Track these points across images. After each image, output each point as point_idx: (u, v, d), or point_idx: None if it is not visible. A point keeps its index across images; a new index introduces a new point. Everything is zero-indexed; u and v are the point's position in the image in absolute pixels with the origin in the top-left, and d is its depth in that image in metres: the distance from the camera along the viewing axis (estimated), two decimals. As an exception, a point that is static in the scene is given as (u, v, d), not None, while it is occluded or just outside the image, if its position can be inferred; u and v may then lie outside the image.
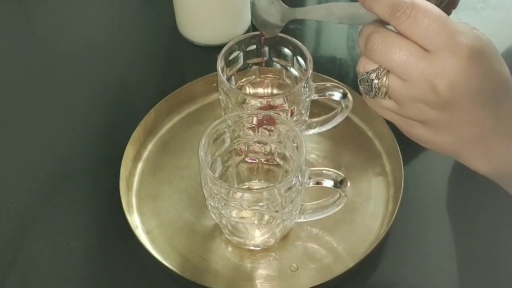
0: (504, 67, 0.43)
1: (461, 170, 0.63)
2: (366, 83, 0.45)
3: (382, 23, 0.44)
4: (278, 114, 0.56)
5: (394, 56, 0.42)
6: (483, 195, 0.61)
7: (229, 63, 0.60)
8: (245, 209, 0.51)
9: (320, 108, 0.64)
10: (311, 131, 0.62)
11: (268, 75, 0.63)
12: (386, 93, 0.45)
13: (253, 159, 0.59)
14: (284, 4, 0.52)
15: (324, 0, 0.85)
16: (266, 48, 0.60)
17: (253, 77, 0.62)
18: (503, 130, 0.44)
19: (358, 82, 0.46)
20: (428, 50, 0.42)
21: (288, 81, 0.62)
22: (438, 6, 0.62)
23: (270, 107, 0.57)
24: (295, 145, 0.54)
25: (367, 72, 0.45)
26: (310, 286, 0.53)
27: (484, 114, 0.43)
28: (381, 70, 0.44)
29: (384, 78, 0.44)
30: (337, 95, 0.58)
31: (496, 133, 0.43)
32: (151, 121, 0.65)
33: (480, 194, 0.61)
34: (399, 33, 0.42)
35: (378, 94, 0.45)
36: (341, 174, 0.52)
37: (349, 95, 0.58)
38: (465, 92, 0.41)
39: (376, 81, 0.44)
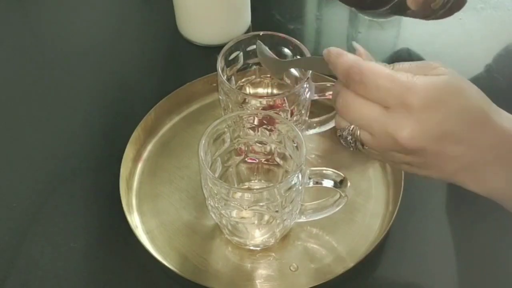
0: (474, 101, 0.44)
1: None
2: (343, 139, 0.48)
3: None
4: (278, 114, 0.56)
5: (358, 115, 0.45)
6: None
7: (229, 63, 0.60)
8: (245, 209, 0.51)
9: (320, 108, 0.64)
10: (311, 131, 0.62)
11: (268, 75, 0.63)
12: (362, 145, 0.47)
13: (253, 159, 0.59)
14: (276, 58, 0.57)
15: (314, 5, 0.85)
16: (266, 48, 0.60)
17: (253, 77, 0.62)
18: (489, 158, 0.45)
19: (338, 137, 0.50)
20: (387, 107, 0.44)
21: (288, 81, 0.62)
22: (443, 7, 0.62)
23: (270, 107, 0.57)
24: (295, 145, 0.54)
25: (342, 129, 0.48)
26: (310, 286, 0.53)
27: (460, 149, 0.44)
28: (353, 126, 0.47)
29: (357, 133, 0.47)
30: (337, 95, 0.58)
31: (481, 162, 0.45)
32: (151, 121, 0.65)
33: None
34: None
35: (355, 147, 0.48)
36: (341, 174, 0.52)
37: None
38: (428, 139, 0.43)
39: (349, 137, 0.48)
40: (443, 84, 0.43)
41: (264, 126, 0.56)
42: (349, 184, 0.52)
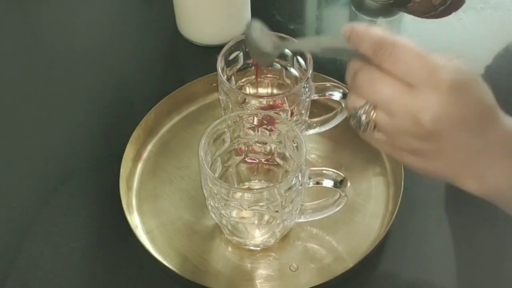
0: (487, 95, 0.45)
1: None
2: (355, 119, 0.47)
3: (367, 58, 0.46)
4: (278, 114, 0.56)
5: (379, 93, 0.44)
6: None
7: (229, 63, 0.60)
8: (245, 209, 0.51)
9: (320, 108, 0.64)
10: (311, 131, 0.62)
11: (268, 75, 0.63)
12: (374, 127, 0.46)
13: (253, 159, 0.59)
14: (275, 35, 0.54)
15: (314, 5, 0.85)
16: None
17: (253, 77, 0.62)
18: (493, 154, 0.45)
19: (348, 117, 0.48)
20: (411, 86, 0.43)
21: (288, 81, 0.62)
22: (443, 3, 0.62)
23: (270, 107, 0.57)
24: (295, 145, 0.54)
25: (356, 109, 0.46)
26: (310, 286, 0.53)
27: (470, 140, 0.44)
28: (368, 106, 0.46)
29: (372, 114, 0.46)
30: (337, 95, 0.58)
31: (485, 157, 0.45)
32: (151, 121, 0.65)
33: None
34: (383, 70, 0.44)
35: (367, 129, 0.47)
36: (341, 174, 0.52)
37: (349, 95, 0.58)
38: (449, 123, 0.43)
39: (364, 117, 0.46)
40: (468, 72, 0.44)
41: (264, 126, 0.56)
42: (349, 184, 0.52)
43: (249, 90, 0.63)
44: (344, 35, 0.46)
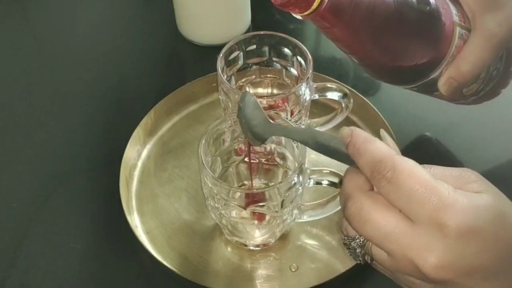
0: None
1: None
2: (350, 249, 0.42)
3: None
4: (278, 114, 0.56)
5: (371, 231, 0.38)
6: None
7: (229, 63, 0.60)
8: (245, 209, 0.51)
9: (320, 108, 0.64)
10: (311, 131, 0.62)
11: (268, 75, 0.63)
12: (372, 260, 0.41)
13: (253, 159, 0.59)
14: (268, 117, 0.49)
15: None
16: (266, 48, 0.60)
17: (253, 77, 0.62)
18: None
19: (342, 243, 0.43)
20: (411, 220, 0.37)
21: (288, 81, 0.62)
22: (475, 94, 0.56)
23: (270, 107, 0.57)
24: (295, 145, 0.53)
25: (349, 238, 0.42)
26: (310, 286, 0.53)
27: (492, 285, 0.38)
28: (363, 239, 0.40)
29: (368, 246, 0.40)
30: (337, 95, 0.58)
31: None
32: (151, 121, 0.65)
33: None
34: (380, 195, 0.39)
35: (363, 261, 0.42)
36: (341, 174, 0.52)
37: (349, 95, 0.58)
38: (458, 271, 0.37)
39: (358, 250, 0.41)
40: (486, 207, 0.37)
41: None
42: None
43: (249, 90, 0.63)
44: (342, 139, 0.41)
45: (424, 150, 0.65)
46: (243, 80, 0.62)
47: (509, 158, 0.64)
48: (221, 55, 0.58)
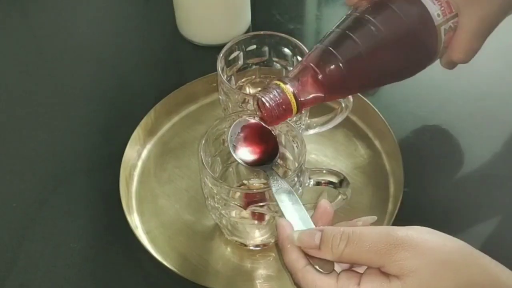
0: (482, 272, 0.39)
1: (461, 170, 0.63)
2: None
3: None
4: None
5: None
6: (483, 195, 0.61)
7: (229, 63, 0.60)
8: (245, 209, 0.51)
9: (320, 108, 0.64)
10: (311, 131, 0.62)
11: (268, 75, 0.63)
12: None
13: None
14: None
15: (314, 5, 0.84)
16: (266, 48, 0.60)
17: (253, 77, 0.62)
18: None
19: None
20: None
21: (288, 81, 0.62)
22: None
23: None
24: (295, 145, 0.53)
25: None
26: (310, 286, 0.53)
27: None
28: None
29: None
30: (337, 95, 0.58)
31: None
32: (151, 121, 0.65)
33: (480, 194, 0.61)
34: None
35: None
36: (341, 174, 0.52)
37: (349, 95, 0.58)
38: None
39: None
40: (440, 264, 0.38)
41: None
42: (349, 184, 0.52)
43: (249, 90, 0.63)
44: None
45: (424, 150, 0.65)
46: (243, 80, 0.62)
47: (509, 158, 0.64)
48: (221, 55, 0.58)
